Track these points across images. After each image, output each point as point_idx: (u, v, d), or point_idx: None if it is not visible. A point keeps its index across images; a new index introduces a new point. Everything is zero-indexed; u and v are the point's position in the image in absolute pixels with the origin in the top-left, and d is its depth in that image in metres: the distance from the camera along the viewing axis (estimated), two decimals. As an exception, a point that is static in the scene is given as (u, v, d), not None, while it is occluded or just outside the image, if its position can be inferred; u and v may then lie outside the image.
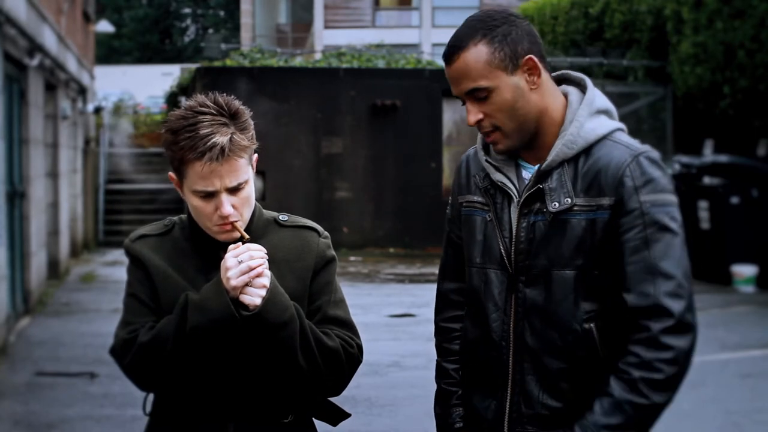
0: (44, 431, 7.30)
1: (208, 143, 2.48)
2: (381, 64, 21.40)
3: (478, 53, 2.53)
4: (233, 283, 2.46)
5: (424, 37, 37.80)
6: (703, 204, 14.54)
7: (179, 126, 2.52)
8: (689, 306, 2.49)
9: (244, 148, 2.53)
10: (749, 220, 14.22)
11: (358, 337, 2.71)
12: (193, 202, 2.55)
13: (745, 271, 14.12)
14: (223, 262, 2.49)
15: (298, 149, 19.56)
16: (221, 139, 2.49)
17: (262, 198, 19.33)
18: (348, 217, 19.73)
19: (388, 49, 24.50)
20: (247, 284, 2.48)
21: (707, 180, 14.59)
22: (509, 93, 2.54)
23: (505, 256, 2.61)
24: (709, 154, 15.65)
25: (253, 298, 2.48)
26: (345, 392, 2.72)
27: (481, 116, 2.57)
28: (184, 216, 2.70)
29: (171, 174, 2.60)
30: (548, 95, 2.59)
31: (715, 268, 14.37)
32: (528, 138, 2.60)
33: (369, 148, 19.83)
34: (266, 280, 2.50)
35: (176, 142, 2.51)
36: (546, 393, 2.57)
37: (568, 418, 2.56)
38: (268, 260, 2.55)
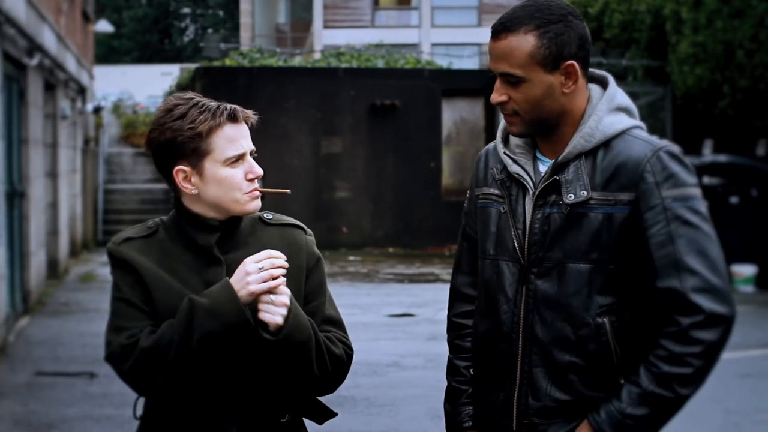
0: (44, 431, 7.29)
1: (228, 108, 2.55)
2: (380, 64, 21.41)
3: (524, 42, 2.53)
4: (253, 288, 2.44)
5: (424, 36, 37.79)
6: (702, 204, 14.54)
7: (183, 111, 2.53)
8: (720, 297, 2.49)
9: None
10: (748, 220, 14.23)
11: (347, 334, 2.73)
12: (223, 173, 2.54)
13: (744, 271, 14.13)
14: (241, 266, 2.47)
15: (298, 149, 19.56)
16: (232, 105, 2.57)
17: (261, 198, 19.33)
18: (347, 217, 19.73)
19: (388, 49, 24.51)
20: (265, 293, 2.46)
21: (706, 180, 14.59)
22: (540, 90, 2.55)
23: (517, 247, 2.61)
24: (708, 154, 15.66)
25: (274, 316, 2.46)
26: (344, 392, 2.72)
27: (505, 98, 2.58)
28: (165, 218, 2.66)
29: (180, 168, 2.54)
30: (578, 98, 2.59)
31: (715, 267, 14.35)
32: (545, 129, 2.62)
33: (368, 147, 19.83)
34: (286, 298, 2.48)
35: (193, 120, 2.51)
36: (554, 385, 2.58)
37: (575, 411, 2.58)
38: None
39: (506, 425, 2.65)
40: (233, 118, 2.54)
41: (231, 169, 2.54)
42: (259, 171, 2.58)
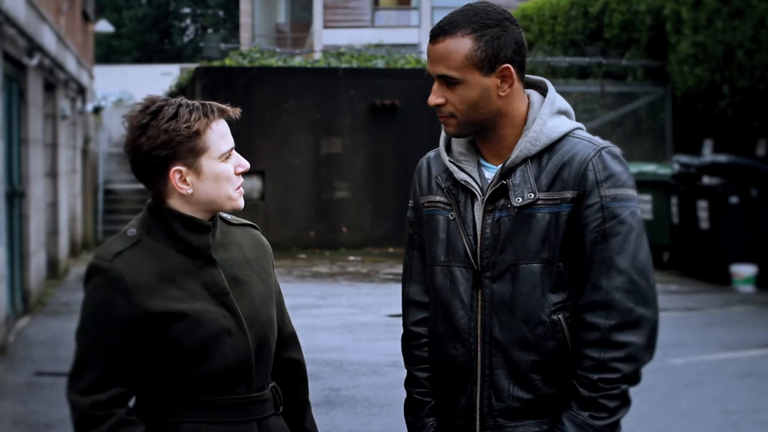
0: (43, 431, 7.30)
1: (214, 104, 2.57)
2: (380, 63, 21.40)
3: (461, 45, 2.59)
4: None
5: (424, 37, 37.74)
6: (702, 204, 14.54)
7: (173, 111, 2.52)
8: (643, 300, 2.56)
9: None
10: (748, 220, 14.22)
11: (299, 346, 2.86)
12: (218, 169, 2.55)
13: (744, 270, 14.12)
14: None
15: (298, 149, 19.56)
16: (211, 102, 2.60)
17: (261, 198, 19.36)
18: (347, 217, 19.73)
19: (388, 49, 24.50)
20: None
21: (706, 180, 14.59)
22: (476, 92, 2.60)
23: (470, 253, 2.65)
24: (708, 154, 15.65)
25: None
26: (345, 392, 2.76)
27: (442, 100, 2.63)
28: (140, 221, 2.61)
29: (177, 168, 2.52)
30: (514, 101, 2.65)
31: (715, 267, 14.36)
32: (481, 131, 2.67)
33: (368, 147, 19.84)
34: None
35: (187, 120, 2.51)
36: (516, 386, 2.62)
37: (539, 409, 2.62)
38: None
39: (469, 428, 2.68)
40: (222, 112, 2.57)
41: (225, 164, 2.56)
42: (247, 164, 2.61)
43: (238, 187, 2.59)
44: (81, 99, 20.25)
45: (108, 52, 57.32)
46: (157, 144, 2.51)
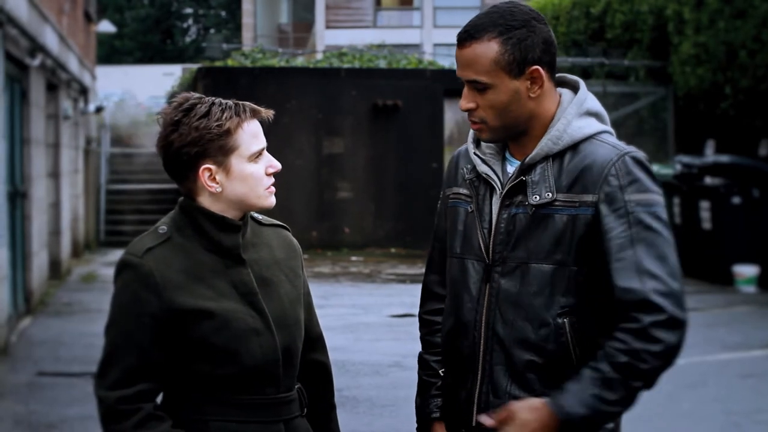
0: (45, 431, 7.30)
1: (247, 105, 2.57)
2: (382, 64, 21.40)
3: (488, 49, 2.56)
4: None
5: (426, 37, 37.79)
6: (704, 204, 14.54)
7: (205, 109, 2.53)
8: (678, 303, 2.51)
9: None
10: (750, 221, 14.22)
11: (325, 343, 2.84)
12: (248, 169, 2.56)
13: (746, 271, 14.12)
14: None
15: (300, 149, 19.57)
16: (245, 102, 2.60)
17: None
18: (349, 217, 19.73)
19: (390, 50, 24.49)
20: None
21: (708, 180, 14.58)
22: (506, 95, 2.58)
23: (483, 246, 2.64)
24: (710, 155, 15.65)
25: None
26: (347, 392, 2.76)
27: (473, 105, 2.62)
28: (172, 218, 2.61)
29: (206, 166, 2.53)
30: (546, 101, 2.62)
31: (716, 268, 14.36)
32: (515, 134, 2.65)
33: (370, 148, 19.84)
34: None
35: (219, 118, 2.52)
36: (514, 384, 2.60)
37: None
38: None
39: (468, 421, 2.68)
40: (255, 113, 2.57)
41: (255, 165, 2.57)
42: (278, 165, 2.62)
43: (269, 187, 2.60)
44: (83, 99, 20.24)
45: (110, 53, 57.31)
46: (187, 141, 2.52)
